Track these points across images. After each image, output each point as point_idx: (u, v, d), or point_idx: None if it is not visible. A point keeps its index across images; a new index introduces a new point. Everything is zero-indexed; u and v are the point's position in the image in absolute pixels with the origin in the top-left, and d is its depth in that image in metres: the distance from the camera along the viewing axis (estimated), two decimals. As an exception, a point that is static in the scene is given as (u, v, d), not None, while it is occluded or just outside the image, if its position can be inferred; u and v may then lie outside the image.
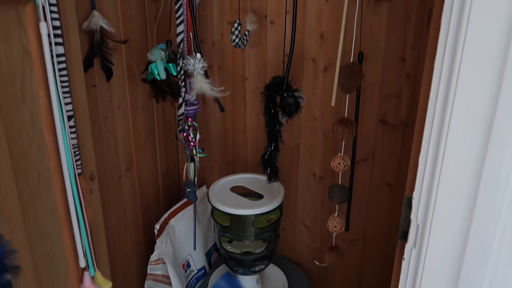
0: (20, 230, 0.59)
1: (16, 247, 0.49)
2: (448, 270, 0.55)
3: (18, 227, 0.58)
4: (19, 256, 0.55)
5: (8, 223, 0.54)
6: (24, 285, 0.61)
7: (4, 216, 0.54)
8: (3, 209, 0.54)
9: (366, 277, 1.34)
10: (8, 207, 0.56)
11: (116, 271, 1.20)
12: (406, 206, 0.60)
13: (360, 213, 1.24)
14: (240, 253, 1.15)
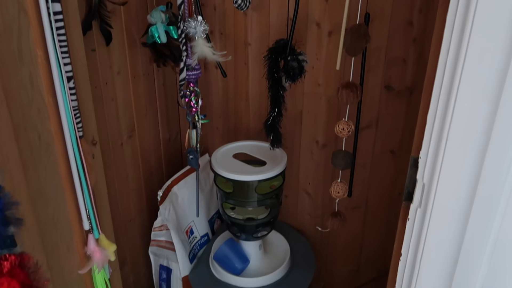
0: (23, 191, 0.59)
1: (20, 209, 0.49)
2: (453, 230, 0.55)
3: (20, 187, 0.57)
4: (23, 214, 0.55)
5: (10, 182, 0.54)
6: (29, 245, 0.62)
7: (6, 175, 0.53)
8: (4, 168, 0.54)
9: (367, 244, 1.35)
10: (10, 166, 0.56)
11: (120, 238, 1.21)
12: (412, 167, 0.60)
13: (363, 181, 1.24)
14: (243, 219, 1.16)
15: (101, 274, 0.82)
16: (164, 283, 1.33)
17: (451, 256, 0.56)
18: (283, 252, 1.29)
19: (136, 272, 1.35)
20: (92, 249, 0.79)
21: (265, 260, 1.27)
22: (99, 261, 0.78)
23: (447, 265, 0.56)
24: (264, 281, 1.18)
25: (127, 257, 1.29)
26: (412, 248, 0.60)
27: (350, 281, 1.42)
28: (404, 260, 0.62)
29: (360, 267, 1.39)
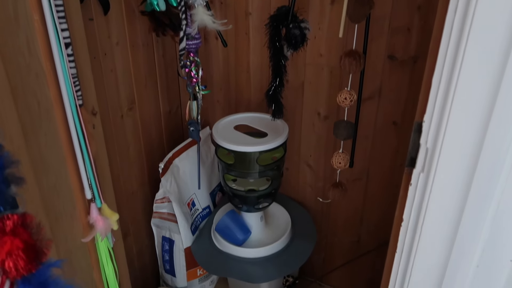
0: (23, 155, 0.59)
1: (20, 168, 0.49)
2: (455, 194, 0.54)
3: (21, 152, 0.57)
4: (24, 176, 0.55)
5: (10, 145, 0.54)
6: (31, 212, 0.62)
7: (6, 138, 0.53)
8: (3, 130, 0.53)
9: (368, 215, 1.36)
10: (9, 130, 0.55)
11: (122, 210, 1.22)
12: (415, 132, 0.59)
13: (364, 152, 1.24)
14: (245, 191, 1.16)
15: (104, 243, 0.83)
16: (166, 254, 1.35)
17: (452, 221, 0.56)
18: (284, 223, 1.30)
19: (139, 243, 1.37)
20: (95, 218, 0.79)
21: (267, 232, 1.29)
22: (102, 229, 0.79)
23: (448, 230, 0.57)
24: (266, 252, 1.19)
25: (130, 228, 1.31)
26: (414, 214, 0.60)
27: (351, 251, 1.44)
28: (405, 226, 0.62)
29: (360, 238, 1.41)
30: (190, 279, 1.37)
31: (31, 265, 0.38)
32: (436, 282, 0.61)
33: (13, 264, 0.36)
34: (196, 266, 1.36)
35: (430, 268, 0.61)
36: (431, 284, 0.62)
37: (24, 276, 0.38)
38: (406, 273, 0.63)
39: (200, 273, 1.38)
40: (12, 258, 0.35)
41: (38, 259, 0.39)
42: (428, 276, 0.61)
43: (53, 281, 0.39)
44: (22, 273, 0.37)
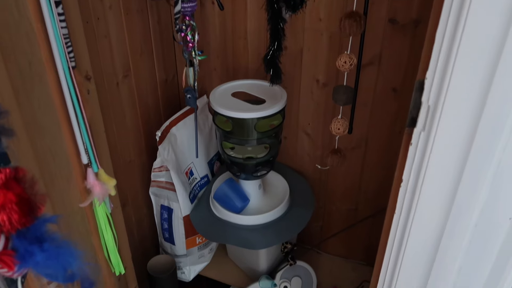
0: (16, 115, 0.57)
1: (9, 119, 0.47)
2: (456, 153, 0.54)
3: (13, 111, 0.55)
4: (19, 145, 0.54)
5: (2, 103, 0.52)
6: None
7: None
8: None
9: (366, 184, 1.36)
10: (0, 91, 0.54)
11: (120, 179, 1.21)
12: (416, 91, 0.58)
13: (363, 120, 1.23)
14: (243, 158, 1.16)
15: (102, 208, 0.83)
16: (165, 222, 1.35)
17: (452, 180, 0.55)
18: (282, 191, 1.30)
19: (137, 212, 1.37)
20: (92, 183, 0.79)
21: (265, 199, 1.29)
22: (99, 194, 0.79)
23: (448, 189, 0.56)
24: (264, 219, 1.20)
25: (128, 198, 1.31)
26: (414, 174, 0.59)
27: (348, 220, 1.45)
28: (404, 187, 0.61)
29: (358, 207, 1.42)
30: (189, 247, 1.39)
31: (25, 219, 0.37)
32: (435, 242, 0.61)
33: (7, 217, 0.35)
34: (195, 234, 1.37)
35: (429, 228, 0.61)
36: (429, 245, 0.62)
37: (19, 230, 0.37)
38: (404, 234, 0.63)
39: (199, 241, 1.40)
40: (5, 211, 0.34)
41: (32, 213, 0.38)
42: (426, 236, 0.62)
43: (49, 236, 0.39)
44: (16, 227, 0.36)
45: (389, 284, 0.71)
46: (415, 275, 0.67)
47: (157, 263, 1.33)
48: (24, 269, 0.38)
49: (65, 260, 0.39)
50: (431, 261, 0.63)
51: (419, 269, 0.66)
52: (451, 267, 0.62)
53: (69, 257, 0.39)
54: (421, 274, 0.66)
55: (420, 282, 0.67)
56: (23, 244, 0.37)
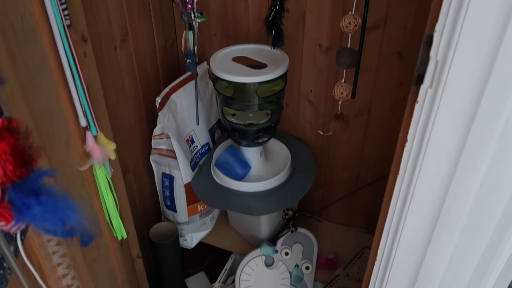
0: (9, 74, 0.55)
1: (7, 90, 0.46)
2: (464, 109, 0.52)
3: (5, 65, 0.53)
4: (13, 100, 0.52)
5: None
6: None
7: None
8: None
9: (368, 152, 1.35)
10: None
11: (120, 146, 1.21)
12: (424, 46, 0.56)
13: (367, 85, 1.20)
14: (244, 125, 1.14)
15: (103, 172, 0.82)
16: (167, 190, 1.35)
17: (459, 138, 0.54)
18: (284, 159, 1.29)
19: (139, 181, 1.37)
20: (91, 146, 0.78)
21: (266, 167, 1.28)
22: (99, 158, 0.78)
23: (454, 147, 0.55)
24: (265, 186, 1.20)
25: (129, 166, 1.30)
26: (419, 133, 0.58)
27: (350, 188, 1.45)
28: (409, 147, 0.60)
29: (360, 175, 1.41)
30: (191, 215, 1.39)
31: (20, 171, 0.36)
32: (439, 202, 0.60)
33: (1, 168, 0.34)
34: (197, 202, 1.37)
35: (433, 189, 0.60)
36: (432, 206, 0.61)
37: (15, 183, 0.36)
38: (407, 195, 0.63)
39: (200, 209, 1.40)
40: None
41: (28, 165, 0.37)
42: (429, 197, 0.61)
43: (46, 190, 0.38)
44: (11, 179, 0.36)
45: (391, 247, 0.70)
46: (416, 237, 0.66)
47: (159, 230, 1.34)
48: (21, 223, 0.38)
49: (63, 213, 0.38)
50: (434, 223, 0.63)
51: (421, 232, 0.65)
52: (453, 229, 0.62)
53: (67, 211, 0.39)
54: (423, 236, 0.66)
55: (421, 245, 0.67)
56: (19, 197, 0.36)
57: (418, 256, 0.68)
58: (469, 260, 0.65)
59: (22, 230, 0.47)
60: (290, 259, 1.34)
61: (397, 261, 0.71)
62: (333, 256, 1.40)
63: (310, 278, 1.35)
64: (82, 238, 0.46)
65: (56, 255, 0.53)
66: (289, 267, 1.34)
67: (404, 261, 0.70)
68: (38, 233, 0.50)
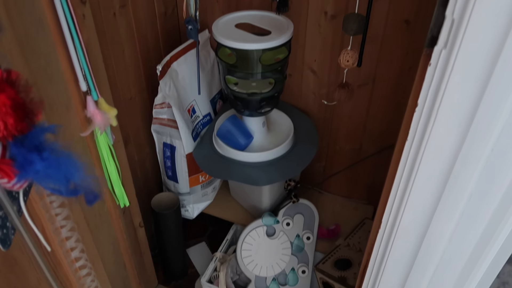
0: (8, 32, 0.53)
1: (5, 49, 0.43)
2: (479, 70, 0.50)
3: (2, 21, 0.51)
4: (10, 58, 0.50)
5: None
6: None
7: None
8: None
9: (371, 123, 1.34)
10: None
11: (121, 116, 1.19)
12: (439, 6, 0.53)
13: (372, 54, 1.18)
14: (247, 94, 1.12)
15: (104, 138, 0.81)
16: (168, 160, 1.35)
17: (473, 100, 0.53)
18: (286, 130, 1.28)
19: (140, 151, 1.36)
20: (92, 111, 0.76)
21: (269, 137, 1.27)
22: (100, 123, 0.76)
23: (467, 110, 0.53)
24: (267, 156, 1.19)
25: (130, 136, 1.29)
26: (431, 97, 0.56)
27: (352, 159, 1.44)
28: (419, 112, 0.59)
29: (362, 146, 1.40)
30: (193, 185, 1.39)
31: (21, 126, 0.35)
32: (447, 168, 0.59)
33: (2, 122, 0.33)
34: (198, 173, 1.37)
35: (442, 154, 0.59)
36: (441, 171, 0.60)
37: (16, 138, 0.35)
38: (415, 161, 0.62)
39: (202, 180, 1.40)
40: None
41: (29, 120, 0.36)
42: (439, 163, 0.60)
43: (49, 146, 0.37)
44: (12, 133, 0.34)
45: (396, 214, 0.70)
46: (423, 204, 0.66)
47: (161, 200, 1.34)
48: (24, 180, 0.37)
49: (67, 170, 0.37)
50: (441, 189, 0.62)
51: (428, 198, 0.65)
52: (461, 195, 0.61)
53: (70, 167, 0.38)
54: (429, 203, 0.65)
55: (427, 212, 0.66)
56: (21, 153, 0.35)
57: (424, 223, 0.67)
58: (475, 226, 0.65)
59: (24, 190, 0.46)
60: (291, 229, 1.35)
61: (401, 228, 0.71)
62: (334, 226, 1.41)
63: (311, 248, 1.36)
64: (87, 197, 0.45)
65: (59, 216, 0.52)
66: (290, 237, 1.34)
67: (409, 229, 0.70)
68: (41, 194, 0.49)
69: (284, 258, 1.33)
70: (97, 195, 0.46)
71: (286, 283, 1.33)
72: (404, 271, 0.77)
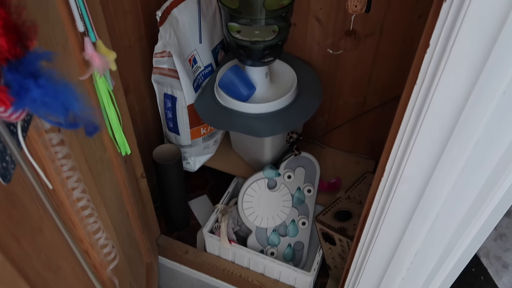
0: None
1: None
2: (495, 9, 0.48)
3: None
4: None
5: None
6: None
7: None
8: None
9: (377, 75, 1.31)
10: None
11: (120, 65, 1.15)
12: None
13: (380, 2, 1.13)
14: (250, 41, 1.09)
15: (103, 83, 0.79)
16: (169, 112, 1.33)
17: (487, 40, 0.50)
18: (289, 81, 1.25)
19: (140, 102, 1.34)
20: (90, 54, 0.73)
21: (272, 89, 1.25)
22: (99, 66, 0.74)
23: (482, 48, 0.51)
24: (270, 108, 1.17)
25: (130, 86, 1.26)
26: (444, 36, 0.54)
27: (355, 112, 1.42)
28: (431, 52, 0.56)
29: (366, 100, 1.38)
30: (194, 138, 1.38)
31: (15, 50, 0.33)
32: (457, 112, 0.58)
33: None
34: (200, 125, 1.36)
35: (452, 97, 0.57)
36: (450, 115, 0.59)
37: (10, 63, 0.33)
38: (424, 105, 0.60)
39: (203, 132, 1.39)
40: (-9, 36, 0.30)
41: (22, 44, 0.34)
42: (448, 106, 0.58)
43: (45, 73, 0.35)
44: (5, 56, 0.32)
45: (400, 161, 0.69)
46: (428, 150, 0.65)
47: (162, 152, 1.34)
48: (21, 110, 0.35)
49: (65, 98, 0.36)
50: (448, 134, 0.61)
51: (434, 144, 0.63)
52: (468, 141, 0.60)
53: (69, 96, 0.36)
54: (435, 149, 0.64)
55: (433, 158, 0.65)
56: (16, 79, 0.33)
57: (428, 171, 0.67)
58: (479, 175, 0.64)
59: (23, 126, 0.44)
60: (292, 182, 1.36)
61: (404, 176, 0.70)
62: (335, 180, 1.42)
63: (312, 201, 1.38)
64: (87, 128, 0.43)
65: (59, 154, 0.51)
66: (291, 190, 1.35)
67: (412, 176, 0.69)
68: (39, 131, 0.48)
69: (285, 210, 1.35)
70: (97, 126, 0.45)
71: (286, 234, 1.36)
72: (405, 220, 0.77)
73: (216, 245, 1.35)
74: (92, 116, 0.41)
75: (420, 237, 0.78)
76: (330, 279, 1.35)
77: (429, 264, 0.83)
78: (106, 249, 0.72)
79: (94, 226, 0.65)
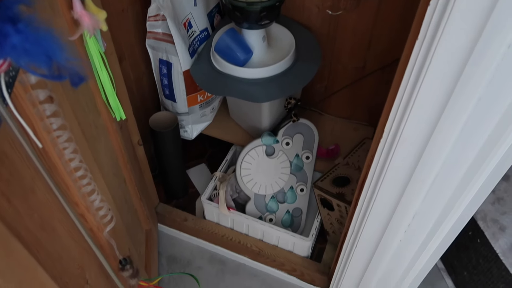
0: None
1: None
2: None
3: None
4: None
5: None
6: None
7: None
8: None
9: (377, 39, 1.28)
10: None
11: (113, 31, 1.12)
12: None
13: (383, -40, 1.08)
14: (246, 3, 1.05)
15: (94, 44, 0.76)
16: (165, 78, 1.30)
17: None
18: (287, 45, 1.22)
19: (135, 69, 1.31)
20: (79, 12, 0.70)
21: (269, 53, 1.22)
22: (89, 25, 0.71)
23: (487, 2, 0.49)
24: (268, 72, 1.15)
25: (124, 52, 1.23)
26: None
27: (354, 76, 1.40)
28: (434, 5, 0.54)
29: (366, 64, 1.35)
30: (191, 105, 1.36)
31: (-9, -9, 0.31)
32: (459, 67, 0.56)
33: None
34: (196, 92, 1.33)
35: (455, 52, 0.55)
36: (452, 70, 0.57)
37: (-14, 6, 0.31)
38: (426, 60, 0.58)
39: (200, 99, 1.37)
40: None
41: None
42: (450, 62, 0.56)
43: (25, 17, 0.33)
44: (-21, -2, 0.30)
45: (401, 118, 0.68)
46: (428, 109, 0.63)
47: (159, 119, 1.32)
48: (1, 58, 0.33)
49: (47, 46, 0.33)
50: (450, 91, 0.59)
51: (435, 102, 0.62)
52: (470, 98, 0.58)
53: (51, 43, 0.34)
54: (436, 107, 0.62)
55: (433, 116, 0.64)
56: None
57: (428, 129, 0.65)
58: (479, 135, 0.63)
59: (8, 82, 0.43)
60: (290, 149, 1.35)
61: (404, 136, 0.69)
62: (333, 146, 1.41)
63: (310, 168, 1.37)
64: (72, 79, 0.42)
65: (48, 111, 0.50)
66: (290, 156, 1.35)
67: (413, 135, 0.68)
68: (25, 86, 0.46)
69: (283, 177, 1.35)
70: (83, 77, 0.43)
71: (285, 200, 1.36)
72: (404, 181, 0.76)
73: (215, 212, 1.36)
74: (78, 67, 0.39)
75: (418, 199, 0.77)
76: (328, 244, 1.36)
77: (426, 227, 0.83)
78: (101, 212, 0.71)
79: (88, 188, 0.64)
